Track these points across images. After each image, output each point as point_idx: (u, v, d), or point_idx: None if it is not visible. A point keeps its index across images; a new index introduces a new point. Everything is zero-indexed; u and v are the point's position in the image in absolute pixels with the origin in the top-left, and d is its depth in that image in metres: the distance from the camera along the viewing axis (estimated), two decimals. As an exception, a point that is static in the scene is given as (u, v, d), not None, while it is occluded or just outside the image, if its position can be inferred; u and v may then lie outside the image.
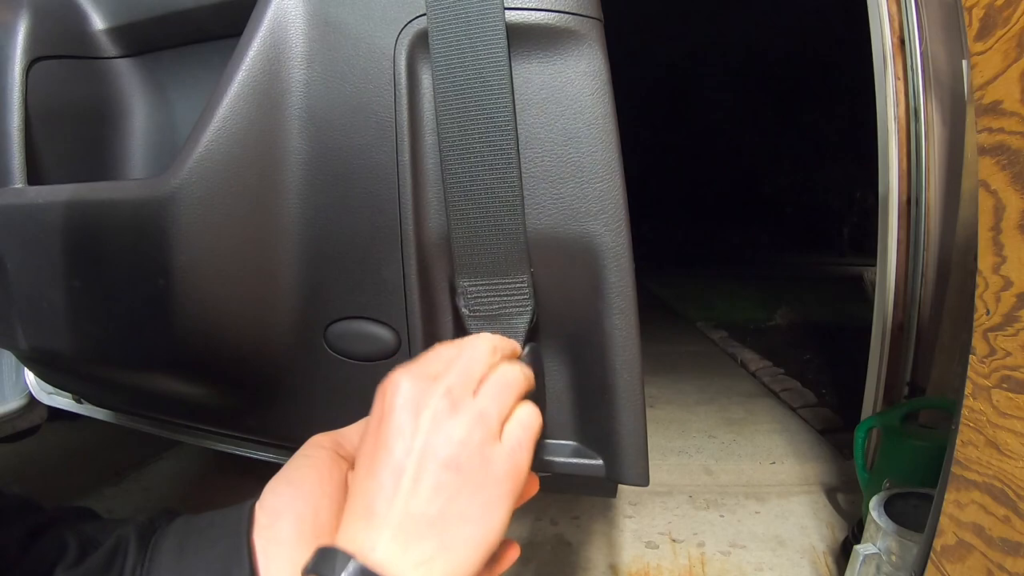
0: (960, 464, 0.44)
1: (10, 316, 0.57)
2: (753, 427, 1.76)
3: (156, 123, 0.63)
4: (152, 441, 1.48)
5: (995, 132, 0.39)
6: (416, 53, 0.42)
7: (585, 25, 0.40)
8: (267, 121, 0.45)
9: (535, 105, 0.41)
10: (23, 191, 0.54)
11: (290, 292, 0.48)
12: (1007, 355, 0.39)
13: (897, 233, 1.22)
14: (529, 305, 0.43)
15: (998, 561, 0.40)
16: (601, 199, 0.42)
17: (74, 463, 1.49)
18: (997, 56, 0.37)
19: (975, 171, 0.43)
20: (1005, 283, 0.39)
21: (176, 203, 0.44)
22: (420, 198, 0.44)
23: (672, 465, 1.50)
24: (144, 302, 0.48)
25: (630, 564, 1.09)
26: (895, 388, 1.27)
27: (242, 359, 0.50)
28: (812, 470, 1.44)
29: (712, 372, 2.39)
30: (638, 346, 0.44)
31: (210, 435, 0.75)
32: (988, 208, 0.40)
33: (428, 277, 0.46)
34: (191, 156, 0.44)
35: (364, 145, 0.44)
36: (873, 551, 0.79)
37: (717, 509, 1.28)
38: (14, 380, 1.05)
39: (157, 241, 0.45)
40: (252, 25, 0.45)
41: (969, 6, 0.40)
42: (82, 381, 0.70)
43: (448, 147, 0.41)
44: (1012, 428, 0.38)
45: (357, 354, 0.48)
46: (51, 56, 0.57)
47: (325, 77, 0.45)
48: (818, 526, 1.20)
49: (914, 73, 1.16)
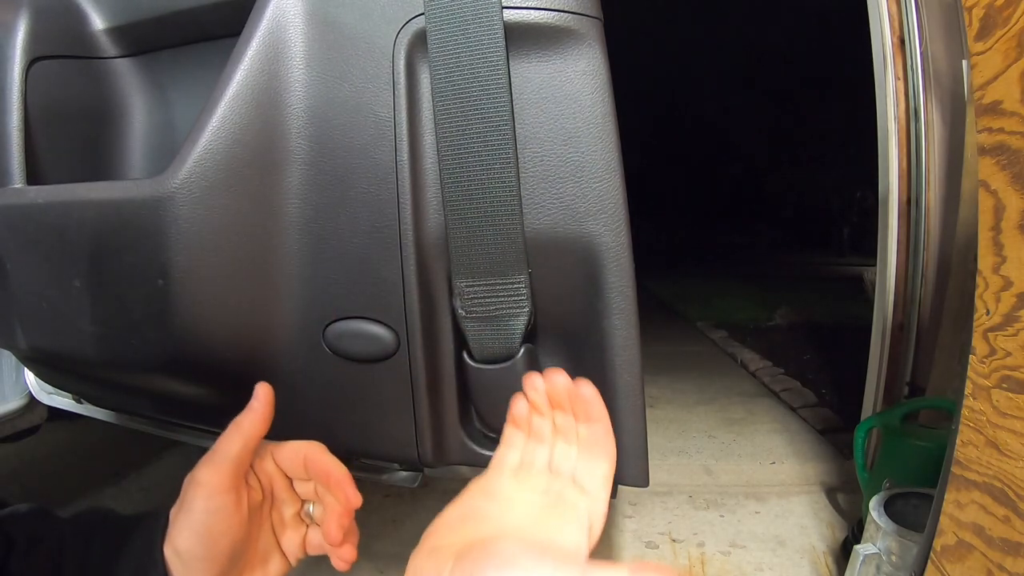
0: (960, 464, 0.44)
1: (10, 316, 0.57)
2: (753, 427, 1.75)
3: (156, 123, 0.63)
4: (152, 441, 1.48)
5: (995, 132, 0.39)
6: (415, 52, 0.42)
7: (585, 24, 0.40)
8: (266, 121, 0.45)
9: (535, 105, 0.41)
10: (23, 191, 0.53)
11: (289, 292, 0.48)
12: (1007, 355, 0.39)
13: (897, 233, 1.22)
14: (526, 306, 0.43)
15: (998, 561, 0.40)
16: (601, 199, 0.42)
17: (74, 463, 1.49)
18: (997, 56, 0.37)
19: (975, 171, 0.43)
20: (1005, 283, 0.39)
21: (176, 203, 0.44)
22: (419, 198, 0.44)
23: (672, 465, 1.50)
24: (143, 302, 0.48)
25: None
26: (895, 388, 1.27)
27: (241, 358, 0.50)
28: (812, 470, 1.44)
29: (712, 372, 2.39)
30: (638, 346, 0.44)
31: (210, 435, 0.75)
32: (988, 208, 0.40)
33: (427, 277, 0.45)
34: (191, 156, 0.44)
35: (363, 144, 0.44)
36: (873, 551, 0.79)
37: (717, 509, 1.28)
38: (14, 380, 1.05)
39: (157, 241, 0.45)
40: (251, 25, 0.45)
41: (969, 6, 0.40)
42: (82, 381, 0.70)
43: (446, 147, 0.41)
44: (1012, 428, 0.38)
45: (356, 354, 0.48)
46: (51, 56, 0.57)
47: (324, 77, 0.45)
48: (818, 526, 1.19)
49: (914, 73, 1.16)
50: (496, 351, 0.44)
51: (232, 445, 0.37)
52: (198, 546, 0.35)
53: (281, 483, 0.41)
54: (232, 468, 0.36)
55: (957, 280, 1.13)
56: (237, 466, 0.37)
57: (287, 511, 0.42)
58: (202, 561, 0.35)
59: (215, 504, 0.36)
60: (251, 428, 0.38)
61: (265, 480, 0.41)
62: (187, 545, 0.36)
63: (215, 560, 0.36)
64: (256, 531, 0.39)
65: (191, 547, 0.35)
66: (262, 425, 0.38)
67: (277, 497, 0.41)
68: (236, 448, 0.37)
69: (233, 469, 0.36)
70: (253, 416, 0.38)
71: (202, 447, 0.39)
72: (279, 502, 0.41)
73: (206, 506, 0.36)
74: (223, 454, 0.37)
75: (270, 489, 0.41)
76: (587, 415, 0.40)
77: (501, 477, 0.41)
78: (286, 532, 0.41)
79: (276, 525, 0.41)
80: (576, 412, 0.40)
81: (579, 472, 0.40)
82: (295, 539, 0.41)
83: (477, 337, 0.44)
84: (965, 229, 1.07)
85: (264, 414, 0.38)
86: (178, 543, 0.36)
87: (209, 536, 0.35)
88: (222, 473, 0.36)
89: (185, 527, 0.36)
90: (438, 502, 0.42)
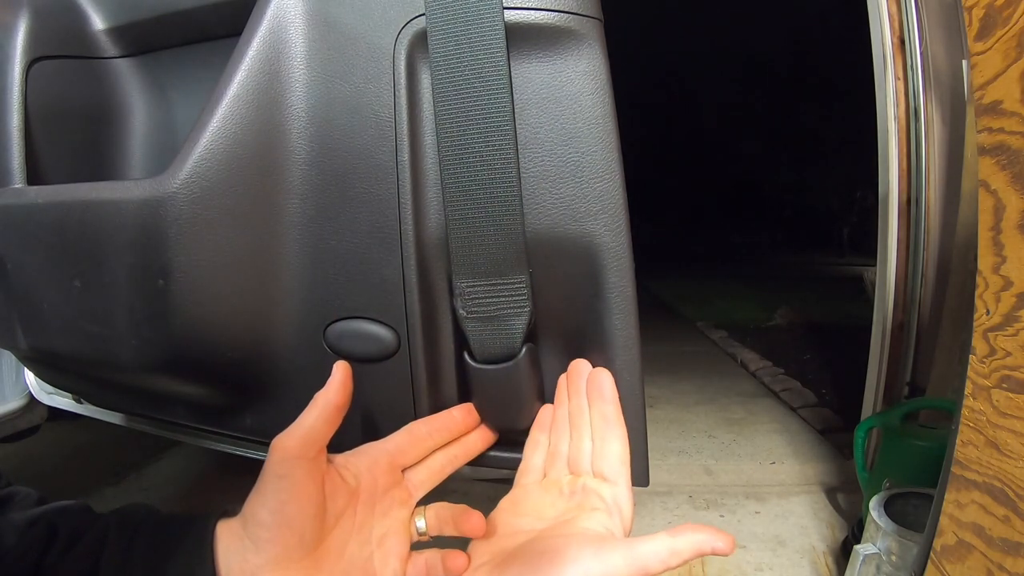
0: (960, 464, 0.44)
1: (10, 316, 0.57)
2: (753, 427, 1.75)
3: (156, 123, 0.63)
4: (152, 441, 1.48)
5: (995, 132, 0.39)
6: (416, 53, 0.42)
7: (585, 25, 0.40)
8: (267, 121, 0.45)
9: (534, 105, 0.41)
10: (23, 191, 0.53)
11: (290, 292, 0.48)
12: (1007, 355, 0.39)
13: (897, 233, 1.22)
14: (527, 306, 0.43)
15: (998, 561, 0.40)
16: (601, 199, 0.42)
17: (74, 463, 1.49)
18: (997, 56, 0.37)
19: (975, 171, 0.43)
20: (1005, 283, 0.39)
21: (176, 203, 0.44)
22: (420, 198, 0.44)
23: (672, 465, 1.50)
24: (144, 302, 0.48)
25: (630, 564, 1.09)
26: (895, 388, 1.27)
27: (241, 359, 0.50)
28: (812, 470, 1.44)
29: (712, 372, 2.39)
30: (638, 346, 0.44)
31: (210, 435, 0.75)
32: (988, 208, 0.40)
33: (428, 277, 0.45)
34: (191, 156, 0.44)
35: (364, 145, 0.44)
36: (873, 551, 0.79)
37: (717, 509, 1.28)
38: (14, 380, 1.05)
39: (157, 241, 0.45)
40: (252, 25, 0.45)
41: (969, 6, 0.40)
42: (82, 381, 0.70)
43: (447, 147, 0.41)
44: (1012, 428, 0.38)
45: (357, 354, 0.48)
46: (51, 56, 0.57)
47: (325, 77, 0.45)
48: (818, 526, 1.20)
49: (914, 73, 1.16)
50: (497, 351, 0.44)
51: (307, 414, 0.37)
52: (264, 511, 0.35)
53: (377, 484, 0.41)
54: (304, 433, 0.36)
55: (957, 280, 1.13)
56: (310, 432, 0.37)
57: (386, 524, 0.41)
58: (268, 530, 0.35)
59: (284, 468, 0.35)
60: (325, 401, 0.38)
61: (357, 475, 0.40)
62: (254, 511, 0.35)
63: (281, 530, 0.35)
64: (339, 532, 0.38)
65: (257, 512, 0.35)
66: (337, 397, 0.38)
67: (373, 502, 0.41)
68: (311, 417, 0.37)
69: (305, 434, 0.36)
70: (327, 391, 0.38)
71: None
72: (377, 511, 0.41)
73: (276, 470, 0.35)
74: (298, 422, 0.37)
75: (366, 489, 0.40)
76: (600, 394, 0.42)
77: (527, 491, 0.42)
78: (384, 546, 0.40)
79: (374, 538, 0.40)
80: (590, 394, 0.42)
81: (597, 462, 0.41)
82: (393, 553, 0.40)
83: (478, 337, 0.44)
84: (965, 229, 1.07)
85: (339, 388, 0.38)
86: (247, 511, 0.36)
87: (276, 501, 0.35)
88: (294, 437, 0.36)
89: (255, 494, 0.36)
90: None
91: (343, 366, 0.39)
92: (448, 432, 0.45)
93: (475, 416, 0.47)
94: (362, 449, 0.42)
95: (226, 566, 0.35)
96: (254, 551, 0.35)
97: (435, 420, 0.45)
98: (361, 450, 0.42)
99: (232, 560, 0.35)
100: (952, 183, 1.16)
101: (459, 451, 0.46)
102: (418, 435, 0.44)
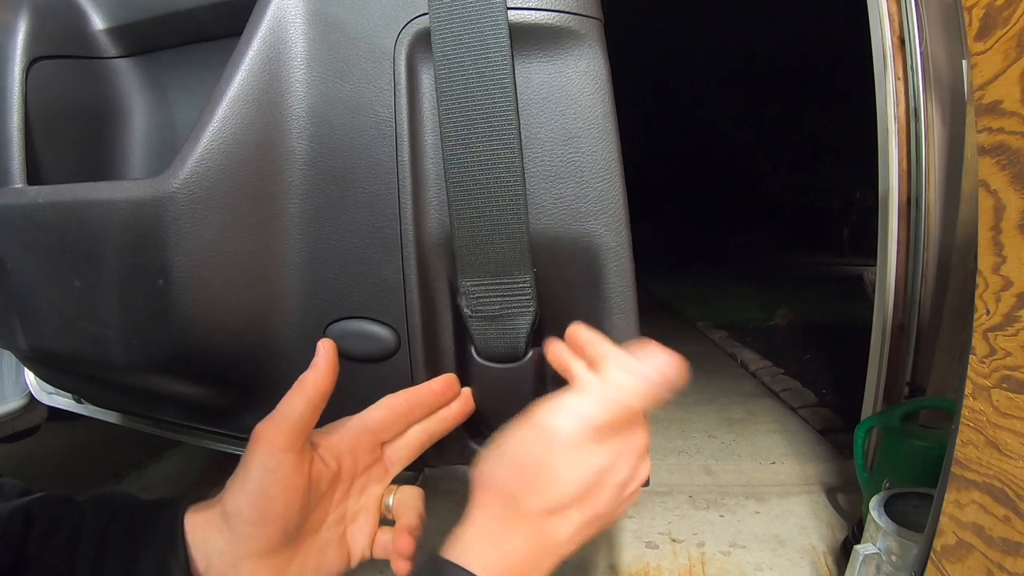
0: (960, 464, 0.44)
1: (10, 316, 0.57)
2: (753, 427, 1.75)
3: (156, 123, 0.63)
4: (152, 441, 1.48)
5: (995, 132, 0.39)
6: (416, 53, 0.42)
7: (585, 25, 0.40)
8: (267, 121, 0.45)
9: (535, 105, 0.41)
10: (23, 191, 0.53)
11: (290, 292, 0.48)
12: (1007, 355, 0.39)
13: (897, 233, 1.22)
14: (531, 305, 0.43)
15: (998, 561, 0.40)
16: (601, 199, 0.42)
17: (74, 463, 1.49)
18: (997, 56, 0.37)
19: (975, 171, 0.43)
20: (1005, 283, 0.39)
21: (176, 203, 0.44)
22: (420, 198, 0.44)
23: (672, 465, 1.50)
24: (144, 302, 0.48)
25: (630, 564, 1.09)
26: (895, 388, 1.27)
27: (242, 359, 0.50)
28: (812, 470, 1.44)
29: (712, 372, 2.39)
30: (638, 346, 0.43)
31: (210, 435, 0.75)
32: (988, 208, 0.40)
33: (428, 277, 0.46)
34: (191, 156, 0.44)
35: (364, 145, 0.44)
36: (873, 551, 0.79)
37: (717, 509, 1.28)
38: (14, 380, 1.05)
39: (157, 241, 0.45)
40: (252, 25, 0.45)
41: (969, 6, 0.40)
42: (82, 381, 0.70)
43: (451, 148, 0.41)
44: (1012, 428, 0.38)
45: (357, 354, 0.48)
46: (51, 56, 0.57)
47: (325, 77, 0.45)
48: (818, 526, 1.20)
49: (914, 73, 1.16)
50: (501, 350, 0.44)
51: (294, 401, 0.35)
52: (249, 507, 0.33)
53: (358, 464, 0.39)
54: (292, 425, 0.34)
55: (957, 280, 1.13)
56: (298, 423, 0.35)
57: (361, 501, 0.40)
58: (252, 526, 0.33)
59: (272, 462, 0.33)
60: (314, 385, 0.36)
61: (339, 458, 0.38)
62: (238, 505, 0.33)
63: (266, 526, 0.33)
64: (318, 512, 0.37)
65: (242, 507, 0.33)
66: (325, 381, 0.36)
67: (352, 481, 0.39)
68: (299, 405, 0.35)
69: (293, 426, 0.34)
70: (315, 372, 0.36)
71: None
72: (354, 489, 0.39)
73: (263, 463, 0.33)
74: (284, 411, 0.35)
75: (347, 471, 0.39)
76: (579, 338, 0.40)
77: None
78: (356, 522, 0.39)
79: (348, 515, 0.39)
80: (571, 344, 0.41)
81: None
82: (364, 531, 0.39)
83: (482, 336, 0.44)
84: (965, 229, 1.07)
85: (327, 370, 0.36)
86: (229, 504, 0.34)
87: (263, 497, 0.33)
88: (282, 429, 0.34)
89: (238, 485, 0.34)
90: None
91: (328, 345, 0.37)
92: (427, 407, 0.44)
93: (454, 388, 0.45)
94: (343, 426, 0.41)
95: (205, 559, 0.34)
96: (235, 543, 0.33)
97: (414, 393, 0.43)
98: (342, 428, 0.41)
99: (211, 552, 0.34)
100: (952, 183, 1.16)
101: (436, 425, 0.44)
102: (399, 410, 0.42)
